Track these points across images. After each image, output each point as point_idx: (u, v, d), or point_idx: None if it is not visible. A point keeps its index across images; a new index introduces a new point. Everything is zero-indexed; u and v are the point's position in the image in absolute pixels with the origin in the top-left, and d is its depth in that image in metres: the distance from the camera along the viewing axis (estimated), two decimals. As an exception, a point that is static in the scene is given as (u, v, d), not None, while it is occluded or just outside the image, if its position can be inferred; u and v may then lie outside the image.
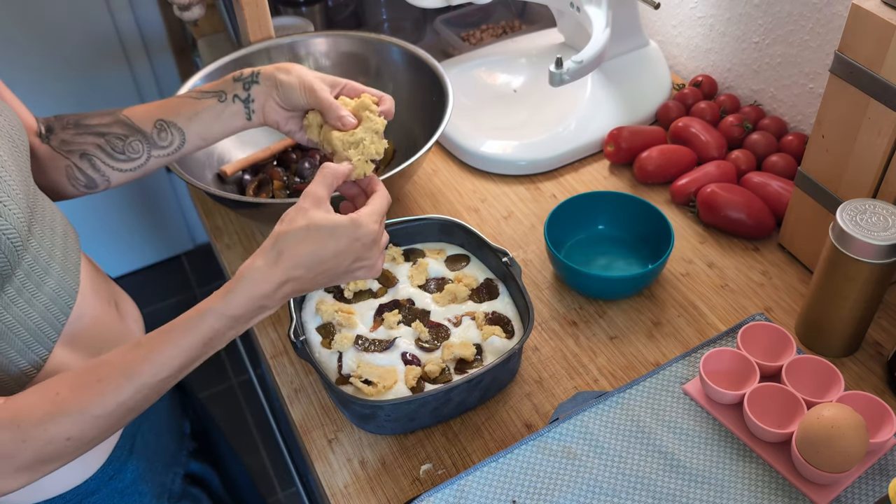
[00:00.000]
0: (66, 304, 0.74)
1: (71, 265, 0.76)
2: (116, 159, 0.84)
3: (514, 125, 1.26)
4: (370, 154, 0.80)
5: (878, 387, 0.89)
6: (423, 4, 1.23)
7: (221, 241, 1.15)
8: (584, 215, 1.07)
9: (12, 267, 0.67)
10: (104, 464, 0.82)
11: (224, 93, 0.85)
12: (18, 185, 0.68)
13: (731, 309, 0.99)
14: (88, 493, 0.80)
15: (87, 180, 0.84)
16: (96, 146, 0.83)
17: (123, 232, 2.33)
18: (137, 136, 0.84)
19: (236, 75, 0.85)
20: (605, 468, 0.80)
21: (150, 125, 0.84)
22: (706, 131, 1.17)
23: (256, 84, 0.84)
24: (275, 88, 0.83)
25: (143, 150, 0.84)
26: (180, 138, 0.85)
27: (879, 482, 0.78)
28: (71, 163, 0.83)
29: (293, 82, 0.82)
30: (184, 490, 0.95)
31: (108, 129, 0.84)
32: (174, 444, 0.96)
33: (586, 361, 0.94)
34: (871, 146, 0.86)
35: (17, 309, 0.69)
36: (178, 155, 0.86)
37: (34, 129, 0.83)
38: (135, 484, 0.85)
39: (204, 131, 0.86)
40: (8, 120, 0.72)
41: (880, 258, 0.80)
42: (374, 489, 0.83)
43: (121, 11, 1.95)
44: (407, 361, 0.89)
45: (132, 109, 0.86)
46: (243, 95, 0.84)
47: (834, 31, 1.08)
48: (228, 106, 0.85)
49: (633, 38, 1.28)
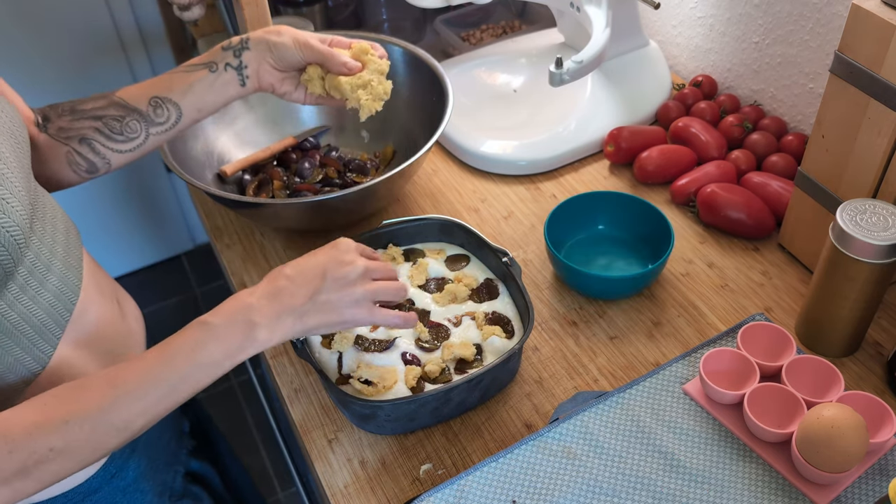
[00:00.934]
0: (70, 300, 0.74)
1: (73, 262, 0.76)
2: (115, 140, 0.85)
3: (514, 125, 1.26)
4: (378, 94, 0.86)
5: (878, 387, 0.89)
6: (423, 4, 1.23)
7: (221, 241, 1.15)
8: (584, 215, 1.07)
9: (15, 263, 0.67)
10: (106, 462, 0.82)
11: (214, 63, 0.86)
12: (20, 181, 0.68)
13: (731, 309, 0.99)
14: (91, 491, 0.81)
15: (87, 165, 0.85)
16: (94, 129, 0.84)
17: (123, 232, 2.33)
18: (134, 115, 0.85)
19: (224, 45, 0.86)
20: (605, 468, 0.80)
21: (144, 103, 0.85)
22: (706, 131, 1.17)
23: (247, 50, 0.85)
24: (268, 51, 0.85)
25: (140, 129, 0.85)
26: (176, 113, 0.86)
27: (879, 482, 0.78)
28: (70, 149, 0.84)
29: (287, 42, 0.84)
30: (185, 488, 0.95)
31: (105, 112, 0.84)
32: (174, 442, 0.96)
33: (586, 361, 0.94)
34: (871, 146, 0.86)
35: (22, 306, 0.69)
36: (175, 130, 0.87)
37: (31, 120, 0.84)
38: (136, 482, 0.85)
39: (199, 103, 0.87)
40: (10, 116, 0.72)
41: (880, 258, 0.80)
42: (374, 489, 0.83)
43: (120, 11, 1.95)
44: (407, 361, 0.89)
45: (125, 90, 0.86)
46: (235, 63, 0.85)
47: (834, 31, 1.08)
48: (220, 75, 0.86)
49: (633, 38, 1.28)
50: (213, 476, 1.02)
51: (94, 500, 0.81)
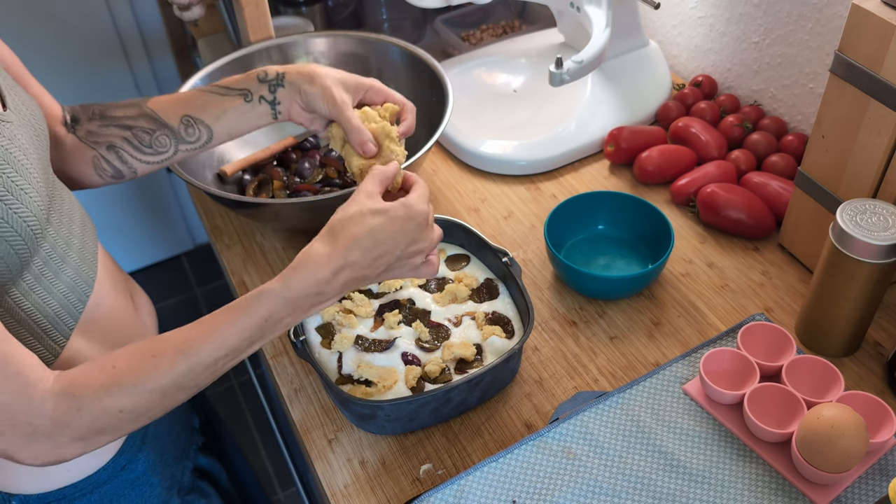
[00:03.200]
0: (84, 292, 0.75)
1: (88, 254, 0.77)
2: (144, 153, 0.86)
3: (514, 125, 1.26)
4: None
5: (878, 387, 0.89)
6: (423, 4, 1.23)
7: (221, 241, 1.15)
8: (584, 215, 1.07)
9: (31, 253, 0.68)
10: (116, 454, 0.82)
11: (249, 92, 0.86)
12: (39, 173, 0.69)
13: (731, 309, 0.99)
14: (100, 483, 0.81)
15: (113, 171, 0.86)
16: (123, 139, 0.85)
17: (123, 231, 2.33)
18: (164, 130, 0.85)
19: (261, 75, 0.85)
20: (605, 468, 0.80)
21: (176, 120, 0.86)
22: (706, 131, 1.17)
23: (282, 87, 0.85)
24: (298, 94, 0.85)
25: (170, 145, 0.86)
26: (207, 134, 0.87)
27: (879, 482, 0.78)
28: (98, 154, 0.85)
29: (317, 93, 0.84)
30: (193, 483, 0.96)
31: (135, 123, 0.85)
32: (184, 437, 0.96)
33: (586, 361, 0.94)
34: (871, 146, 0.86)
35: (36, 296, 0.69)
36: (205, 148, 0.88)
37: (59, 118, 0.85)
38: (146, 475, 0.86)
39: (231, 127, 0.87)
40: (30, 110, 0.73)
41: (880, 258, 0.80)
42: (374, 489, 0.83)
43: (120, 11, 1.95)
44: (407, 361, 0.89)
45: (156, 101, 0.87)
46: (269, 98, 0.86)
47: (834, 31, 1.08)
48: (255, 107, 0.86)
49: (633, 38, 1.27)
50: (220, 473, 1.03)
51: (104, 491, 0.82)
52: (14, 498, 0.77)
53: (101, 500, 0.82)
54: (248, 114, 0.86)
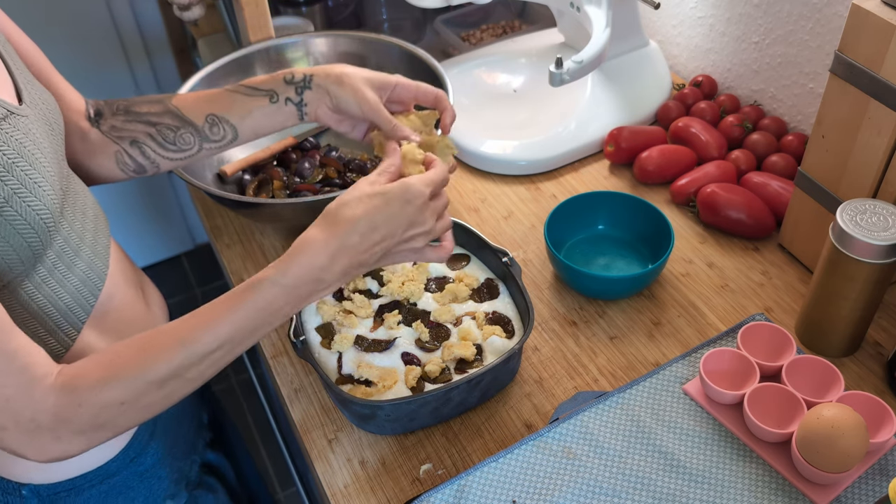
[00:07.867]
0: (96, 285, 0.76)
1: (101, 248, 0.77)
2: (167, 149, 0.86)
3: (514, 125, 1.26)
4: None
5: (878, 387, 0.89)
6: (423, 4, 1.23)
7: (221, 241, 1.15)
8: (584, 215, 1.07)
9: (44, 246, 0.68)
10: (125, 446, 0.83)
11: (276, 93, 0.86)
12: (53, 166, 0.69)
13: (731, 309, 0.99)
14: (109, 474, 0.81)
15: (136, 166, 0.86)
16: (147, 135, 0.85)
17: (124, 231, 2.33)
18: (189, 128, 0.86)
19: (287, 77, 0.85)
20: (605, 468, 0.80)
21: (201, 118, 0.86)
22: (706, 131, 1.17)
23: (309, 90, 0.85)
24: (327, 96, 0.84)
25: (194, 143, 0.86)
26: (233, 133, 0.87)
27: (879, 482, 0.78)
28: (121, 148, 0.85)
29: (348, 96, 0.83)
30: (200, 478, 0.96)
31: (160, 119, 0.85)
32: (193, 432, 0.97)
33: (586, 361, 0.94)
34: (871, 146, 0.86)
35: (49, 289, 0.70)
36: (230, 147, 0.88)
37: (83, 112, 0.85)
38: (154, 468, 0.86)
39: (256, 127, 0.87)
40: (46, 104, 0.73)
41: (880, 258, 0.80)
42: (374, 489, 0.83)
43: (120, 11, 1.95)
44: (407, 361, 0.89)
45: (180, 99, 0.87)
46: (296, 100, 0.86)
47: (834, 31, 1.08)
48: (281, 108, 0.86)
49: (633, 38, 1.28)
50: (227, 469, 1.03)
51: (112, 483, 0.82)
52: (24, 488, 0.78)
53: (109, 492, 0.82)
54: (273, 114, 0.86)
